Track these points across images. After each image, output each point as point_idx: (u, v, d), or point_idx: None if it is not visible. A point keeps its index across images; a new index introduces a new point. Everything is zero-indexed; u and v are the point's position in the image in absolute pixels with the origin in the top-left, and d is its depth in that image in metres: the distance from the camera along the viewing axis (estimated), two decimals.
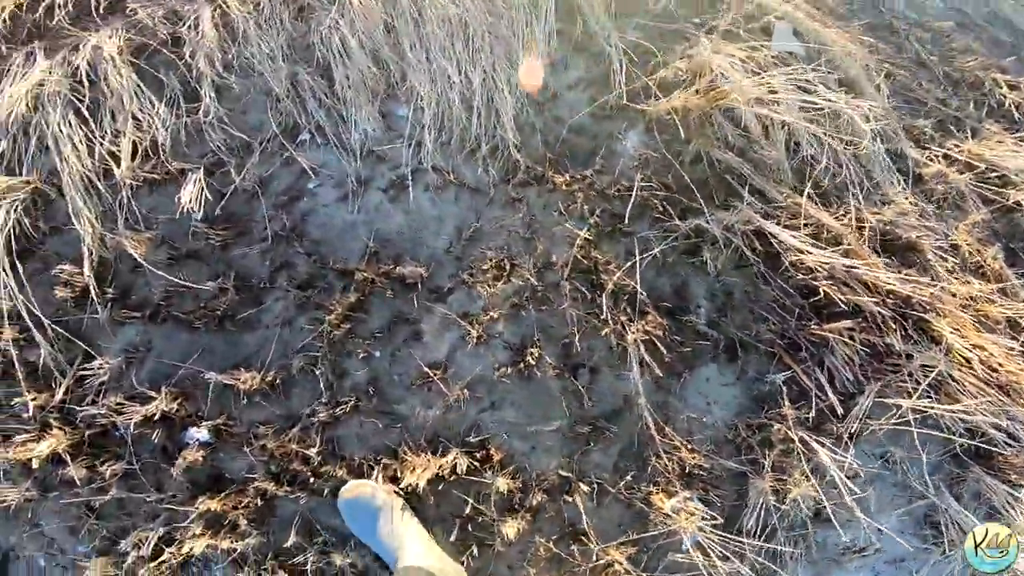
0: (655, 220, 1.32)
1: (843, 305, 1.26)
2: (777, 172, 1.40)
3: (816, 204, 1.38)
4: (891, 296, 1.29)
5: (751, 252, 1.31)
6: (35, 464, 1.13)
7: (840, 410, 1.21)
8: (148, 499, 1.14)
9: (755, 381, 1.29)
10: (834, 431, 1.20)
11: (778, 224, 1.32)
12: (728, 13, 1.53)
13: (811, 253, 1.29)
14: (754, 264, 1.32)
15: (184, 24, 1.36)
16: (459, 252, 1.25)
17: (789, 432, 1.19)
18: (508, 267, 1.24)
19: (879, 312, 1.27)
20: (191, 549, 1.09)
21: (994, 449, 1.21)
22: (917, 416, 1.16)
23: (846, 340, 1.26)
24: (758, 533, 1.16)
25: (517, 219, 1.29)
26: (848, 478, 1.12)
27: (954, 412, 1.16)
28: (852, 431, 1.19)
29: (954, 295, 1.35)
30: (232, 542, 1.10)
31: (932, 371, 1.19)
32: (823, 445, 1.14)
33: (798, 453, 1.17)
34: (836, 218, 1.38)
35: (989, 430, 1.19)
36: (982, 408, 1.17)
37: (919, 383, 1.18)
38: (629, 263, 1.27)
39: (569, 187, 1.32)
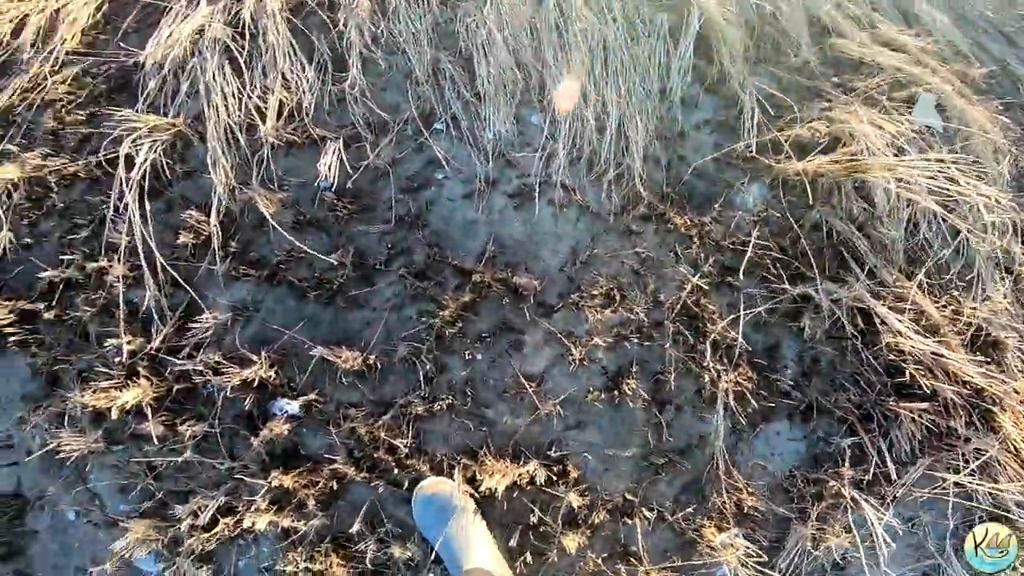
0: (764, 279, 1.33)
1: (924, 388, 1.28)
2: (890, 251, 1.40)
3: (923, 291, 1.39)
4: (967, 386, 1.33)
5: (852, 327, 1.32)
6: (114, 414, 1.08)
7: (894, 477, 1.26)
8: (220, 466, 1.12)
9: (820, 441, 1.33)
10: (881, 493, 1.26)
11: (883, 304, 1.33)
12: (874, 78, 1.51)
13: (911, 339, 1.31)
14: (850, 338, 1.34)
15: None
16: (572, 273, 1.27)
17: (843, 489, 1.23)
18: (617, 297, 1.26)
19: (952, 399, 1.31)
20: (253, 523, 1.06)
21: (1009, 515, 1.26)
22: (956, 490, 1.22)
23: (915, 417, 1.30)
24: (786, 574, 1.21)
25: (632, 252, 1.30)
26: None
27: (988, 489, 1.22)
28: (896, 495, 1.25)
29: (1017, 392, 1.39)
30: (294, 521, 1.09)
31: (984, 455, 1.25)
32: (868, 502, 1.20)
33: (845, 508, 1.22)
34: (938, 308, 1.39)
35: (1012, 506, 1.25)
36: (1018, 489, 1.24)
37: (968, 462, 1.25)
38: (732, 316, 1.29)
39: (687, 230, 1.33)
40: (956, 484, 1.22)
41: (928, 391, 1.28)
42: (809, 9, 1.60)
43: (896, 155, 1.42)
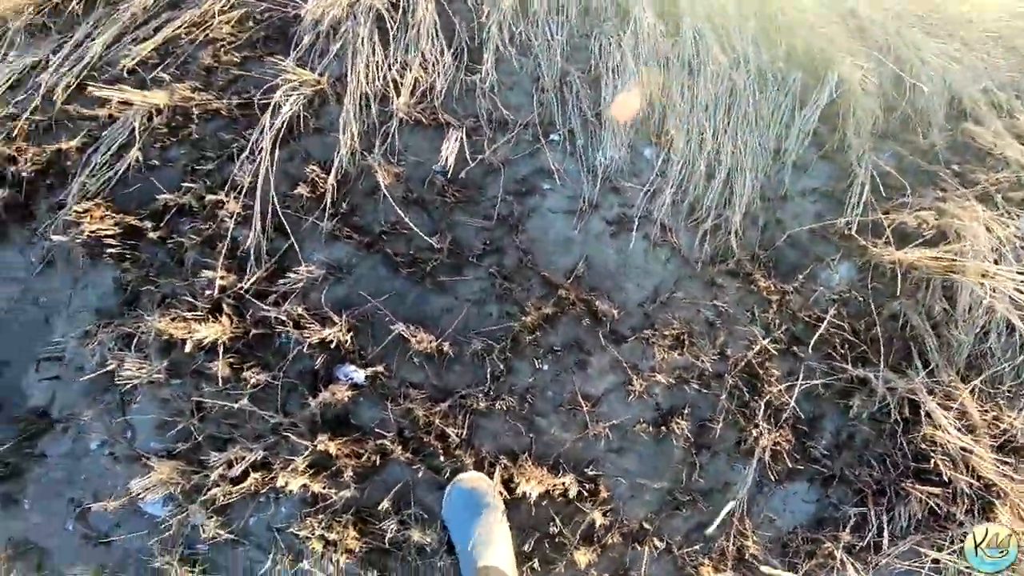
0: (828, 355, 1.37)
1: (943, 476, 1.34)
2: (954, 352, 1.42)
3: (972, 395, 1.41)
4: (980, 479, 1.37)
5: (898, 414, 1.36)
6: (187, 347, 1.08)
7: (885, 546, 1.32)
8: (270, 419, 1.13)
9: (830, 506, 1.39)
10: (866, 559, 1.32)
11: (934, 400, 1.37)
12: (997, 173, 1.48)
13: (949, 433, 1.35)
14: (892, 424, 1.38)
15: None
16: (650, 310, 1.32)
17: (836, 551, 1.30)
18: (687, 343, 1.31)
19: (963, 488, 1.36)
20: (286, 483, 1.06)
21: None
22: (931, 566, 1.28)
23: (923, 499, 1.36)
24: None
25: (711, 304, 1.34)
26: None
27: (963, 567, 1.27)
28: (879, 563, 1.31)
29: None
30: (326, 488, 1.11)
31: None
32: (853, 566, 1.27)
33: (831, 569, 1.29)
34: (980, 412, 1.42)
35: None
36: None
37: (952, 543, 1.29)
38: (789, 383, 1.33)
39: (768, 295, 1.36)
40: (933, 560, 1.28)
41: (946, 479, 1.33)
42: (954, 89, 1.56)
43: (996, 261, 1.42)
